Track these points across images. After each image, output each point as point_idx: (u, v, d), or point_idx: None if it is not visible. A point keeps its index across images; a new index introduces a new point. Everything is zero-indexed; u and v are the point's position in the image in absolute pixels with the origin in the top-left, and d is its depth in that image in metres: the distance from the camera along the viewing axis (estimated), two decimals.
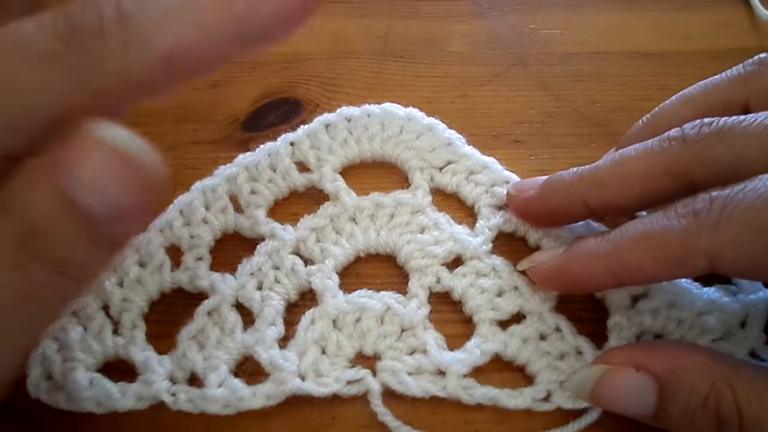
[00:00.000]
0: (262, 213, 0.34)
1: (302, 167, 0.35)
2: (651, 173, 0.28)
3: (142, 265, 0.32)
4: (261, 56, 0.41)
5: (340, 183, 0.34)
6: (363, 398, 0.30)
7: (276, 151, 0.35)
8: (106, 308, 0.31)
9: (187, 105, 0.34)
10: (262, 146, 0.36)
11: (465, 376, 0.30)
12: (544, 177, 0.32)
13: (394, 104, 0.37)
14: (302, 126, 0.36)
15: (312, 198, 0.35)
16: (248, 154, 0.35)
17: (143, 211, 0.20)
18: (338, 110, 0.36)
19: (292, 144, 0.36)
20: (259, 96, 0.40)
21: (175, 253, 0.33)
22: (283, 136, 0.36)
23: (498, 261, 0.32)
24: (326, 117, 0.36)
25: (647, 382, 0.26)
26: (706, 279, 0.32)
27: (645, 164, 0.28)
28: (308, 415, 0.30)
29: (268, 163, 0.35)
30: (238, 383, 0.29)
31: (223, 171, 0.34)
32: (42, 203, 0.19)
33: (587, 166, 0.30)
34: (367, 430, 0.30)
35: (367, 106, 0.36)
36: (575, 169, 0.31)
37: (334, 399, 0.30)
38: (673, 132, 0.28)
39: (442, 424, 0.30)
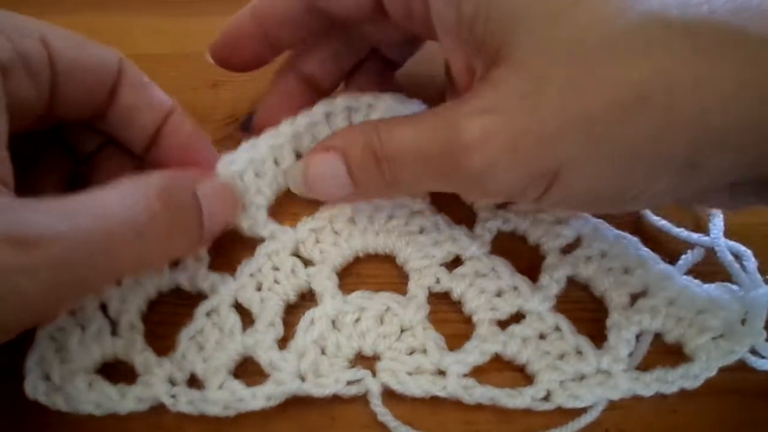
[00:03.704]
0: (263, 213, 0.33)
1: None
2: None
3: None
4: None
5: None
6: (363, 399, 0.30)
7: (279, 145, 0.34)
8: (104, 308, 0.31)
9: (187, 105, 0.33)
10: (263, 137, 0.34)
11: (465, 375, 0.30)
12: None
13: (395, 95, 0.35)
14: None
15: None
16: (250, 144, 0.34)
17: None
18: (337, 99, 0.34)
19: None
20: (259, 96, 0.39)
21: None
22: (281, 126, 0.34)
23: (497, 261, 0.32)
24: (327, 105, 0.34)
25: (335, 157, 0.29)
26: (707, 277, 0.32)
27: None
28: (308, 416, 0.30)
29: (271, 157, 0.34)
30: (237, 385, 0.29)
31: (224, 168, 0.33)
32: (184, 197, 0.28)
33: None
34: (368, 430, 0.30)
35: (368, 98, 0.34)
36: None
37: (334, 400, 0.30)
38: None
39: (442, 425, 0.30)
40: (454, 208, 0.34)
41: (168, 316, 0.32)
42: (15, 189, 0.26)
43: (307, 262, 0.32)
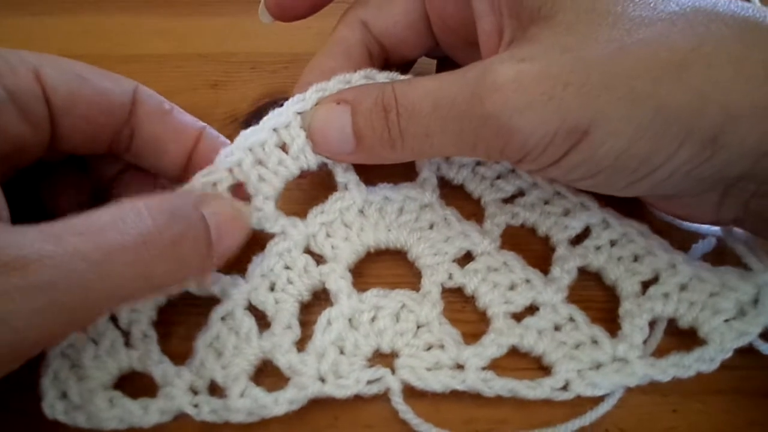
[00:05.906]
0: (271, 205, 0.32)
1: None
2: None
3: None
4: (260, 56, 0.41)
5: (352, 174, 0.33)
6: (365, 398, 0.30)
7: (285, 124, 0.31)
8: (114, 320, 0.30)
9: (187, 105, 0.33)
10: (266, 119, 0.32)
11: (483, 368, 0.30)
12: None
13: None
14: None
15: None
16: (250, 131, 0.32)
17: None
18: (356, 74, 0.32)
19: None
20: (259, 96, 0.39)
21: None
22: (288, 103, 0.32)
23: (508, 255, 0.32)
24: (344, 79, 0.32)
25: (343, 109, 0.29)
26: (717, 260, 0.32)
27: None
28: (311, 415, 0.30)
29: (275, 141, 0.32)
30: (259, 392, 0.29)
31: (225, 159, 0.31)
32: (188, 211, 0.27)
33: None
34: (370, 429, 0.30)
35: (388, 74, 0.33)
36: None
37: (338, 399, 0.29)
38: None
39: (442, 423, 0.29)
40: (462, 204, 0.34)
41: (180, 321, 0.31)
42: (30, 216, 0.25)
43: (318, 259, 0.32)
